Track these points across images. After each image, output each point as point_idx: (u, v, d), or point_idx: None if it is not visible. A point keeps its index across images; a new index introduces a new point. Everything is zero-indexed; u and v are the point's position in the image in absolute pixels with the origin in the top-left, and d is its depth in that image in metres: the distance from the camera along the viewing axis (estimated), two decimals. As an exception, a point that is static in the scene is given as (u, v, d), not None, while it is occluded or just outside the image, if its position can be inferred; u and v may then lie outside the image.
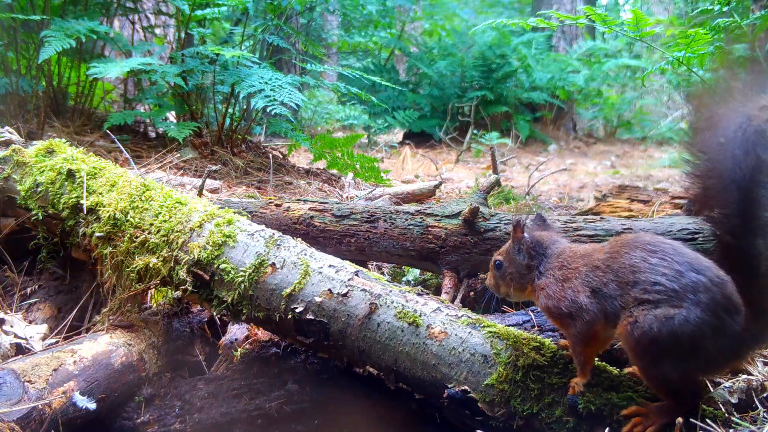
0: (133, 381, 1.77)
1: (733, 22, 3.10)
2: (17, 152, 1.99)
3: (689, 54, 3.13)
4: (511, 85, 9.82)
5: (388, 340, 1.56)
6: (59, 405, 1.49)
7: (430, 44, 11.12)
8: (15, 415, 1.37)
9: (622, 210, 3.40)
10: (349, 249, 2.40)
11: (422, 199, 3.88)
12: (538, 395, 1.46)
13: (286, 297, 1.62)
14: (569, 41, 11.19)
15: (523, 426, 1.45)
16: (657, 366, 1.34)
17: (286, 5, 4.53)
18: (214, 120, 4.76)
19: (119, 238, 1.79)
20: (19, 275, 2.17)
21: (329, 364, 1.79)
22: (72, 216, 1.87)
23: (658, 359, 1.33)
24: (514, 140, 9.20)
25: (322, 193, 3.98)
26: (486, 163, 7.63)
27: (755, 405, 1.47)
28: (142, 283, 1.78)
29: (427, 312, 1.58)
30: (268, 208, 2.48)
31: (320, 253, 1.73)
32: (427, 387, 1.54)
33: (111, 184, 1.87)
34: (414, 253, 2.39)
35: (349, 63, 11.40)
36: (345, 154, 4.62)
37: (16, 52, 3.97)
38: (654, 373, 1.36)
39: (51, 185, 1.91)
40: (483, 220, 2.34)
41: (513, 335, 1.55)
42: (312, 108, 9.87)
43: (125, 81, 5.15)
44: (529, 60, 9.74)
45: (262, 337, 1.96)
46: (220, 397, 1.76)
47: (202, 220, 1.75)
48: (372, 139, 9.12)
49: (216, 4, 4.39)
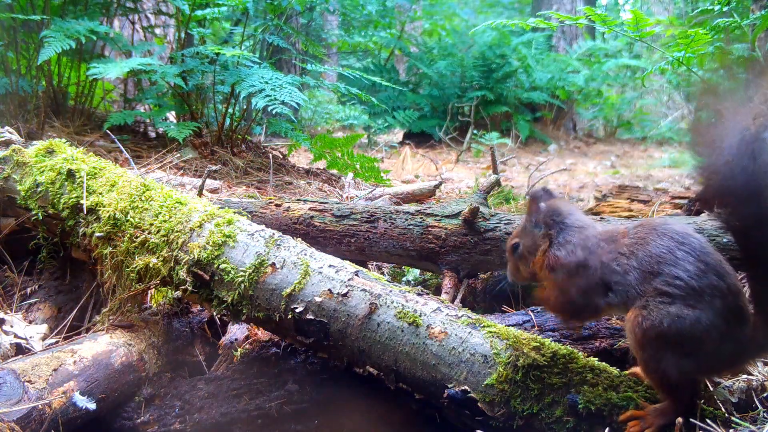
0: (133, 381, 1.77)
1: (733, 22, 3.10)
2: (17, 152, 1.99)
3: (689, 54, 3.13)
4: (511, 85, 9.82)
5: (388, 340, 1.56)
6: (59, 405, 1.49)
7: (430, 44, 11.12)
8: (15, 415, 1.37)
9: (622, 210, 3.40)
10: (349, 249, 2.40)
11: (422, 199, 3.88)
12: (538, 395, 1.46)
13: (286, 297, 1.62)
14: (569, 41, 11.19)
15: (523, 426, 1.45)
16: (659, 360, 1.33)
17: (286, 5, 4.53)
18: (214, 120, 4.76)
19: (119, 238, 1.79)
20: (19, 275, 2.17)
21: (329, 364, 1.79)
22: (72, 216, 1.87)
23: (661, 354, 1.32)
24: (514, 140, 9.20)
25: (322, 193, 3.98)
26: (486, 163, 7.63)
27: (755, 405, 1.47)
28: (142, 283, 1.78)
29: (427, 312, 1.58)
30: (268, 208, 2.48)
31: (320, 253, 1.73)
32: (427, 387, 1.54)
33: (111, 184, 1.87)
34: (414, 253, 2.39)
35: (349, 63, 11.40)
36: (345, 154, 4.61)
37: (16, 52, 3.97)
38: (654, 366, 1.35)
39: (51, 185, 1.91)
40: (483, 220, 2.34)
41: (513, 335, 1.55)
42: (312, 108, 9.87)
43: (125, 81, 5.15)
44: (529, 60, 9.74)
45: (262, 337, 1.96)
46: (220, 397, 1.76)
47: (202, 220, 1.75)
48: (372, 139, 9.12)
49: (216, 4, 4.39)
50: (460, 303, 2.28)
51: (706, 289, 1.30)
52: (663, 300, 1.32)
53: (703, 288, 1.31)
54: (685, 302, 1.31)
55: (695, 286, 1.31)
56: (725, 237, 2.08)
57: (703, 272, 1.32)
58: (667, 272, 1.34)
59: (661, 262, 1.35)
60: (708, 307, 1.29)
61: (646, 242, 1.39)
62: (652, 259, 1.36)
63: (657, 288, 1.34)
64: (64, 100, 4.40)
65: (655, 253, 1.37)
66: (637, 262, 1.38)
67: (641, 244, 1.40)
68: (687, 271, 1.32)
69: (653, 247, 1.37)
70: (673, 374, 1.33)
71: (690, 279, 1.31)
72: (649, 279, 1.35)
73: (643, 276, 1.37)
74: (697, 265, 1.33)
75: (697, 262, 1.33)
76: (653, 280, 1.35)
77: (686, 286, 1.31)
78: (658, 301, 1.33)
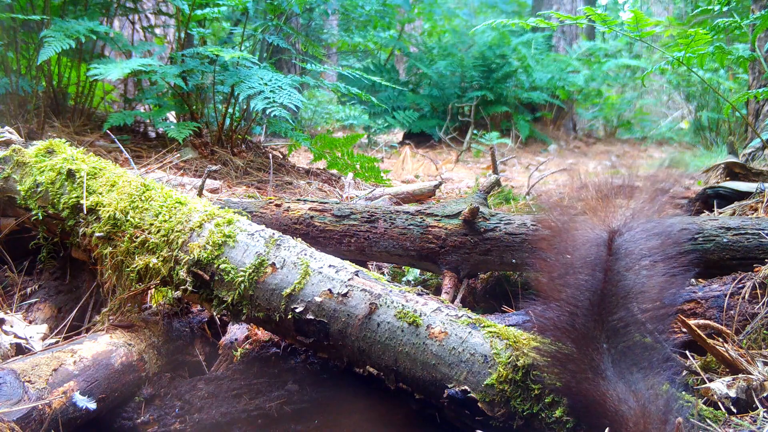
0: (133, 381, 1.77)
1: (733, 22, 3.10)
2: (17, 152, 1.99)
3: (689, 54, 3.13)
4: (511, 85, 9.82)
5: (388, 340, 1.56)
6: (59, 405, 1.49)
7: (429, 44, 11.12)
8: (15, 415, 1.37)
9: (622, 210, 3.38)
10: (349, 249, 2.40)
11: (422, 199, 3.89)
12: (539, 395, 1.46)
13: (286, 297, 1.62)
14: (569, 41, 11.20)
15: (523, 426, 1.45)
16: None
17: (286, 5, 4.53)
18: (214, 120, 4.76)
19: (119, 238, 1.79)
20: (19, 275, 2.17)
21: (329, 364, 1.79)
22: (72, 216, 1.87)
23: None
24: (514, 140, 9.20)
25: (322, 193, 3.98)
26: (486, 163, 7.63)
27: (755, 405, 1.47)
28: (142, 283, 1.78)
29: (427, 312, 1.58)
30: (268, 208, 2.48)
31: (320, 253, 1.73)
32: (427, 387, 1.54)
33: (111, 184, 1.87)
34: (414, 253, 2.39)
35: (349, 63, 11.40)
36: (345, 154, 4.62)
37: (16, 52, 3.97)
38: None
39: (51, 185, 1.91)
40: (483, 220, 2.34)
41: (513, 335, 1.55)
42: (312, 108, 9.88)
43: (125, 81, 5.15)
44: (529, 60, 9.75)
45: (262, 337, 1.96)
46: (220, 397, 1.76)
47: (202, 220, 1.75)
48: (372, 139, 9.13)
49: (216, 4, 4.40)
50: (460, 303, 2.28)
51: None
52: None
53: None
54: None
55: None
56: (725, 237, 2.08)
57: None
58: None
59: None
60: None
61: None
62: None
63: None
64: (64, 100, 4.40)
65: None
66: None
67: None
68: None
69: None
70: None
71: None
72: None
73: None
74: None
75: None
76: None
77: None
78: None
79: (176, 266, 1.71)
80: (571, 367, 1.27)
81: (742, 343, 1.71)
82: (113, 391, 1.69)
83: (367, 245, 2.40)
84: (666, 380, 1.22)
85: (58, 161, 1.94)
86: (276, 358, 1.87)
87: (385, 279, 1.71)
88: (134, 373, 1.78)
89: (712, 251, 2.07)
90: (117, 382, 1.70)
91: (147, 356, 1.86)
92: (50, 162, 1.94)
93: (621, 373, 1.19)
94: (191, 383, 1.83)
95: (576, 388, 1.26)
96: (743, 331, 1.76)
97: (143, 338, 1.90)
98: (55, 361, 1.57)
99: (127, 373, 1.75)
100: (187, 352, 2.11)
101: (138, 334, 1.89)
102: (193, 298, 1.78)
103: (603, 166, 8.06)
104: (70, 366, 1.59)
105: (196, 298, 1.75)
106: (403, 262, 2.51)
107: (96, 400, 1.58)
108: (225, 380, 1.82)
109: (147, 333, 1.93)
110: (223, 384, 1.80)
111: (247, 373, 1.83)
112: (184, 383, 1.84)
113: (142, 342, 1.88)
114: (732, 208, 2.62)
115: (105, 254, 1.82)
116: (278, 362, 1.86)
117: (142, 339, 1.89)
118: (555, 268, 1.31)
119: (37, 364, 1.53)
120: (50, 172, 1.92)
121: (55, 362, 1.57)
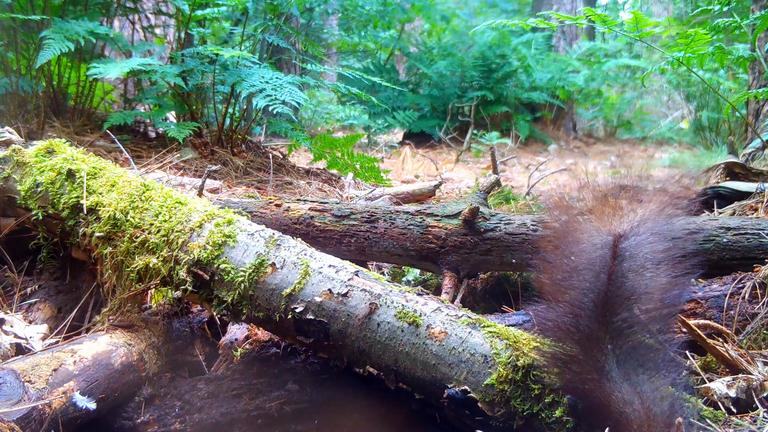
0: (133, 381, 1.77)
1: (733, 22, 3.10)
2: (17, 152, 1.99)
3: (689, 54, 3.13)
4: (511, 85, 9.82)
5: (388, 340, 1.56)
6: (59, 405, 1.49)
7: (429, 44, 11.12)
8: (15, 415, 1.37)
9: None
10: (349, 249, 2.40)
11: (422, 199, 3.89)
12: (539, 395, 1.46)
13: (286, 297, 1.62)
14: (569, 41, 11.20)
15: (523, 426, 1.45)
16: None
17: (286, 5, 4.53)
18: (214, 120, 4.76)
19: (119, 238, 1.79)
20: (19, 275, 2.17)
21: (329, 364, 1.79)
22: (72, 216, 1.87)
23: None
24: (514, 140, 9.20)
25: (322, 193, 3.98)
26: (486, 163, 7.63)
27: (755, 405, 1.47)
28: (142, 283, 1.78)
29: (427, 312, 1.58)
30: (268, 208, 2.48)
31: (320, 253, 1.73)
32: (427, 387, 1.54)
33: (111, 184, 1.87)
34: (414, 253, 2.39)
35: (349, 63, 11.40)
36: (345, 154, 4.62)
37: (16, 52, 3.97)
38: None
39: (51, 185, 1.91)
40: (483, 220, 2.34)
41: (513, 335, 1.55)
42: (312, 108, 9.88)
43: (125, 81, 5.15)
44: (529, 60, 9.75)
45: (262, 337, 1.96)
46: (220, 397, 1.76)
47: (202, 220, 1.75)
48: (372, 139, 9.12)
49: (216, 4, 4.40)
50: (460, 303, 2.28)
51: None
52: None
53: None
54: None
55: None
56: (725, 237, 2.08)
57: None
58: None
59: None
60: None
61: None
62: None
63: None
64: (64, 100, 4.40)
65: None
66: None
67: None
68: None
69: None
70: None
71: None
72: None
73: None
74: None
75: None
76: None
77: None
78: None
79: (176, 266, 1.71)
80: (575, 367, 1.27)
81: (742, 343, 1.71)
82: (113, 391, 1.68)
83: (367, 245, 2.40)
84: (670, 382, 1.23)
85: (58, 161, 1.94)
86: (276, 358, 1.87)
87: (385, 279, 1.71)
88: (134, 373, 1.78)
89: (712, 251, 2.07)
90: (117, 382, 1.70)
91: (147, 356, 1.86)
92: (50, 162, 1.94)
93: (626, 374, 1.19)
94: (191, 383, 1.83)
95: (580, 388, 1.26)
96: (743, 331, 1.76)
97: (143, 338, 1.90)
98: (55, 361, 1.57)
99: (127, 373, 1.75)
100: (187, 352, 2.11)
101: (138, 334, 1.89)
102: (193, 298, 1.78)
103: (603, 166, 8.06)
104: (70, 366, 1.59)
105: (196, 298, 1.75)
106: (403, 262, 2.51)
107: (96, 400, 1.58)
108: (225, 380, 1.82)
109: (147, 333, 1.93)
110: (223, 384, 1.80)
111: (247, 373, 1.83)
112: (184, 383, 1.84)
113: (142, 342, 1.88)
114: (732, 208, 2.63)
115: (105, 254, 1.82)
116: (278, 362, 1.86)
117: (142, 339, 1.89)
118: (558, 270, 1.31)
119: (37, 364, 1.53)
120: (50, 172, 1.92)
121: (55, 362, 1.57)
